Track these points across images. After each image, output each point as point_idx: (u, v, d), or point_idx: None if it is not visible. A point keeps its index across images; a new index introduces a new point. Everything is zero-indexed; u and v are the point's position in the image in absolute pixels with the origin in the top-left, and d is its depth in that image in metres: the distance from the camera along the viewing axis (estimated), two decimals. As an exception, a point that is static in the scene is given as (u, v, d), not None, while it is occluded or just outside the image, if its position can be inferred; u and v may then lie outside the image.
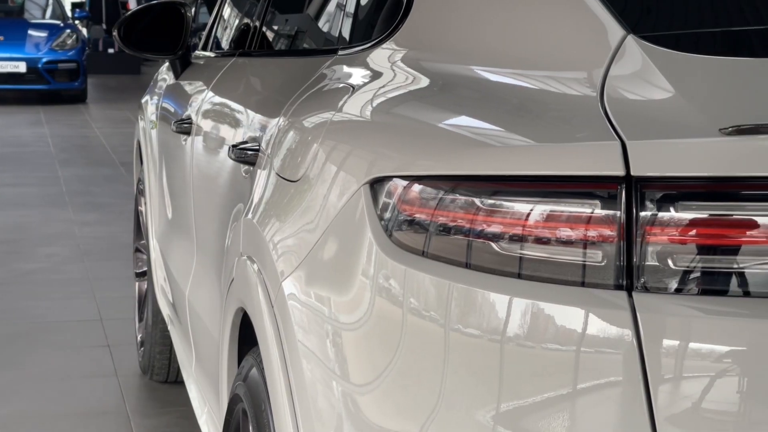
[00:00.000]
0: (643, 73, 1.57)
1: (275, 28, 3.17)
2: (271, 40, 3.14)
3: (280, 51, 3.06)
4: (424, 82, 1.91)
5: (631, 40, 1.60)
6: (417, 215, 1.58)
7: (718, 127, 1.41)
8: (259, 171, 2.26)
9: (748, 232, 1.40)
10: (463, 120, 1.72)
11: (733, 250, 1.41)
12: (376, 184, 1.66)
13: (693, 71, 1.57)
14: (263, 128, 2.37)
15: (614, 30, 1.63)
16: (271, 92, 2.63)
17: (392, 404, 1.59)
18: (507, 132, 1.60)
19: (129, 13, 3.73)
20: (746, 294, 1.42)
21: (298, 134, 2.09)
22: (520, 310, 1.47)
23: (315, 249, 1.80)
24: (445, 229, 1.55)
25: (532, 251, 1.49)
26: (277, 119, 2.27)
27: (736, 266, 1.41)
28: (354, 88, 2.04)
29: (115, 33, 3.65)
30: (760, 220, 1.40)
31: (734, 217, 1.41)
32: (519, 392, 1.46)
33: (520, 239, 1.49)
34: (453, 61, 1.90)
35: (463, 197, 1.53)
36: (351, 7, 2.43)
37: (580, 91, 1.62)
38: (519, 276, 1.49)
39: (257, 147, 2.34)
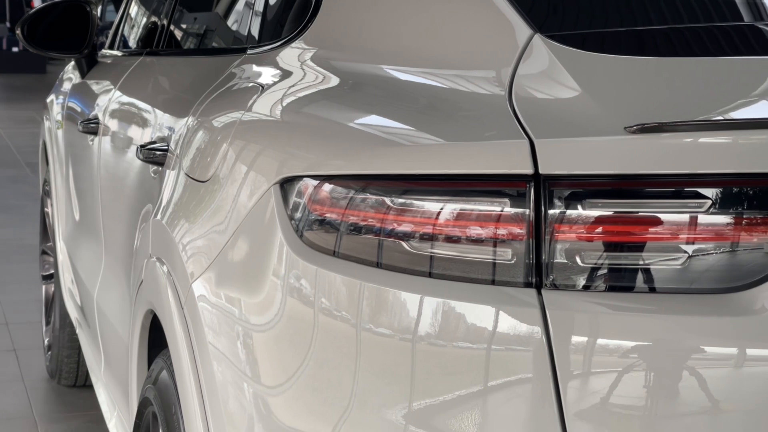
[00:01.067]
0: (551, 72, 1.59)
1: (183, 26, 3.13)
2: (179, 38, 3.10)
3: (188, 50, 3.03)
4: (335, 81, 1.91)
5: (538, 40, 1.62)
6: (328, 215, 1.58)
7: (623, 126, 1.43)
8: (167, 171, 2.23)
9: (653, 229, 1.43)
10: (374, 119, 1.72)
11: (639, 247, 1.43)
12: (287, 184, 1.65)
13: (599, 70, 1.59)
14: (172, 128, 2.34)
15: (522, 29, 1.65)
16: (180, 91, 2.61)
17: (304, 405, 1.58)
18: (417, 131, 1.60)
19: (33, 10, 3.66)
20: (652, 290, 1.44)
21: (207, 134, 2.07)
22: (431, 308, 1.48)
23: (225, 250, 1.78)
24: (356, 229, 1.55)
25: (442, 250, 1.49)
26: (185, 119, 2.24)
27: (641, 263, 1.44)
28: (263, 88, 2.02)
29: (18, 31, 3.57)
30: (664, 216, 1.42)
31: (640, 214, 1.43)
32: (431, 391, 1.47)
33: (430, 238, 1.49)
34: (363, 60, 1.90)
35: (374, 196, 1.53)
36: (260, 6, 2.41)
37: (488, 90, 1.63)
38: (430, 275, 1.49)
39: (166, 147, 2.31)
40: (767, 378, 1.40)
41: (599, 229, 1.44)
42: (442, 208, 1.49)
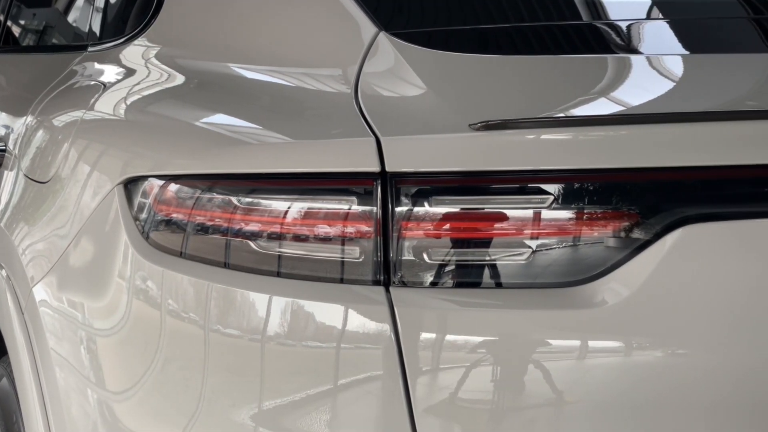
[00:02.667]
0: (396, 70, 1.59)
1: (22, 22, 3.04)
2: (17, 35, 3.01)
3: (27, 47, 2.94)
4: (180, 79, 1.88)
5: (384, 37, 1.62)
6: (174, 215, 1.55)
7: (468, 123, 1.44)
8: (5, 172, 2.16)
9: (498, 225, 1.45)
10: (220, 118, 1.70)
11: (485, 243, 1.45)
12: (131, 184, 1.62)
13: (444, 68, 1.60)
14: (9, 127, 2.27)
15: (367, 27, 1.65)
16: (18, 89, 2.53)
17: (151, 410, 1.55)
18: (264, 130, 1.59)
19: None
20: (498, 285, 1.46)
21: (47, 133, 2.02)
22: (280, 308, 1.47)
23: (67, 252, 1.74)
24: (203, 229, 1.53)
25: (290, 249, 1.48)
26: (24, 118, 2.18)
27: (488, 258, 1.45)
28: (105, 86, 1.98)
29: None
30: (509, 212, 1.44)
31: (485, 210, 1.45)
32: (280, 391, 1.46)
33: (278, 237, 1.48)
34: (209, 58, 1.87)
35: (220, 196, 1.52)
36: (101, 2, 2.36)
37: (335, 88, 1.63)
38: (278, 274, 1.48)
39: (3, 147, 2.24)
40: (608, 368, 1.43)
41: (446, 226, 1.45)
42: (289, 207, 1.48)
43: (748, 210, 1.44)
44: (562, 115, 1.53)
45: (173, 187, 1.56)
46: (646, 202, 1.43)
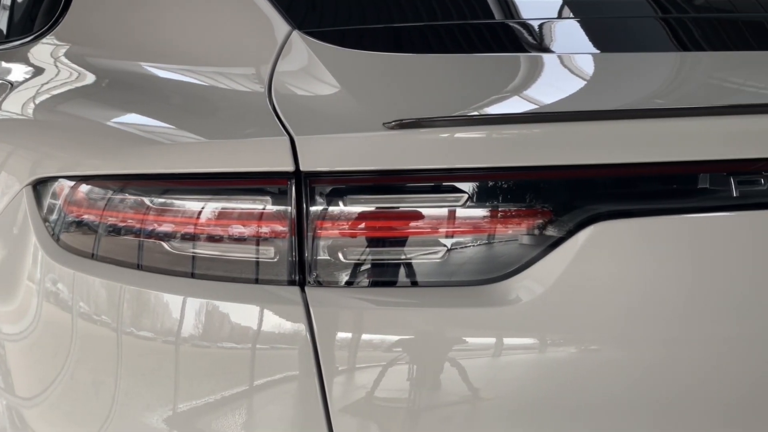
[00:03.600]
0: (310, 69, 1.59)
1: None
2: None
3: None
4: (90, 78, 1.85)
5: (297, 36, 1.62)
6: (85, 217, 1.53)
7: (382, 122, 1.44)
8: None
9: (413, 224, 1.45)
10: (132, 117, 1.68)
11: (400, 242, 1.45)
12: (40, 186, 1.59)
13: (358, 66, 1.60)
14: None
15: (280, 26, 1.64)
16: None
17: (63, 414, 1.53)
18: (177, 129, 1.57)
19: None
20: (414, 284, 1.46)
21: (-47, 134, 1.97)
22: (194, 309, 1.45)
23: (-26, 256, 1.70)
24: (115, 230, 1.51)
25: (204, 250, 1.47)
26: (-70, 118, 2.12)
27: (403, 257, 1.46)
28: (13, 85, 1.94)
29: None
30: (424, 211, 1.45)
31: (400, 209, 1.45)
32: (195, 393, 1.45)
33: (192, 238, 1.47)
34: (120, 57, 1.85)
35: (133, 197, 1.50)
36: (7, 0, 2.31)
37: (248, 87, 1.61)
38: (192, 275, 1.47)
39: None
40: (523, 365, 1.45)
41: (361, 225, 1.45)
42: (203, 208, 1.47)
43: (658, 207, 1.46)
44: (475, 113, 1.54)
45: (84, 188, 1.54)
46: (558, 199, 1.45)
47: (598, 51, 1.75)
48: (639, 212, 1.45)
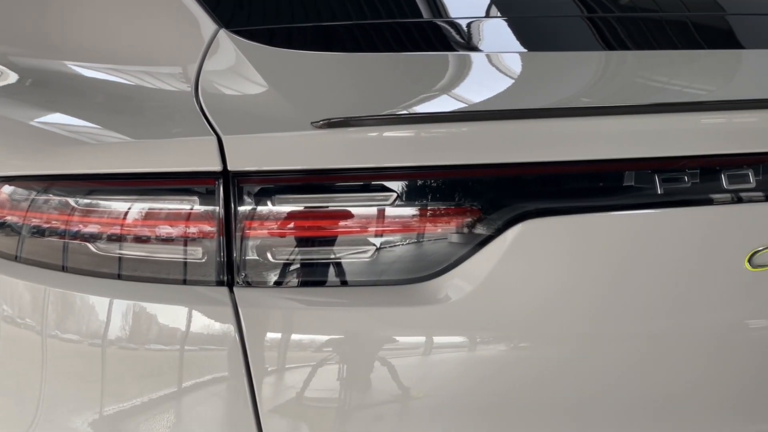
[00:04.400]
0: (237, 68, 1.58)
1: None
2: None
3: None
4: (13, 77, 1.82)
5: (224, 35, 1.61)
6: (8, 218, 1.51)
7: (310, 121, 1.44)
8: None
9: (342, 223, 1.45)
10: (57, 117, 1.65)
11: (330, 241, 1.45)
12: (-39, 187, 1.56)
13: (286, 66, 1.59)
14: None
15: (207, 24, 1.63)
16: None
17: (-14, 420, 1.50)
18: (103, 129, 1.55)
19: None
20: (344, 283, 1.46)
21: None
22: (121, 311, 1.44)
23: None
24: (40, 232, 1.48)
25: (131, 251, 1.45)
26: None
27: (333, 257, 1.45)
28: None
29: None
30: (353, 210, 1.45)
31: (329, 208, 1.45)
32: (123, 396, 1.43)
33: (118, 239, 1.45)
34: (44, 56, 1.82)
35: (57, 197, 1.48)
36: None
37: (175, 86, 1.60)
38: (119, 277, 1.45)
39: None
40: (453, 363, 1.45)
41: (290, 225, 1.44)
42: (129, 208, 1.45)
43: (585, 205, 1.48)
44: (404, 112, 1.54)
45: (7, 188, 1.52)
46: (487, 198, 1.45)
47: (525, 50, 1.77)
48: (566, 210, 1.46)
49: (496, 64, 1.67)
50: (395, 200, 1.45)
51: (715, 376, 1.54)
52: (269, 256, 1.44)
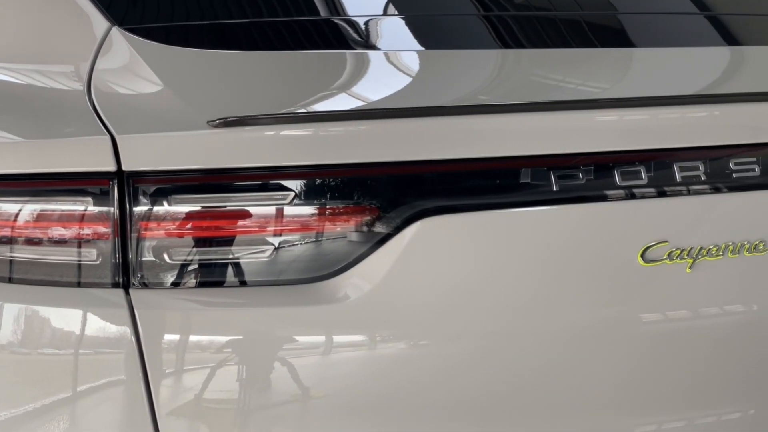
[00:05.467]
0: (131, 66, 1.55)
1: None
2: None
3: None
4: None
5: (117, 33, 1.58)
6: None
7: (206, 120, 1.42)
8: None
9: (240, 223, 1.43)
10: (-56, 117, 1.60)
11: (228, 241, 1.44)
12: None
13: (182, 64, 1.57)
14: None
15: (99, 22, 1.60)
16: None
17: None
18: (-9, 129, 1.52)
19: None
20: (242, 284, 1.45)
21: None
22: (13, 315, 1.41)
23: None
24: (-73, 235, 1.44)
25: (23, 253, 1.42)
26: None
27: (231, 257, 1.44)
28: None
29: None
30: (251, 210, 1.44)
31: (227, 208, 1.43)
32: (16, 402, 1.40)
33: (9, 241, 1.42)
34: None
35: (-56, 199, 1.44)
36: None
37: (67, 85, 1.57)
38: (10, 280, 1.42)
39: None
40: (353, 363, 1.45)
41: (187, 225, 1.43)
42: (21, 209, 1.42)
43: (482, 202, 1.49)
44: (301, 110, 1.53)
45: None
46: (385, 196, 1.46)
47: (422, 48, 1.77)
48: (464, 208, 1.47)
49: (394, 62, 1.67)
50: (293, 199, 1.44)
51: (610, 371, 1.56)
52: (166, 256, 1.42)
